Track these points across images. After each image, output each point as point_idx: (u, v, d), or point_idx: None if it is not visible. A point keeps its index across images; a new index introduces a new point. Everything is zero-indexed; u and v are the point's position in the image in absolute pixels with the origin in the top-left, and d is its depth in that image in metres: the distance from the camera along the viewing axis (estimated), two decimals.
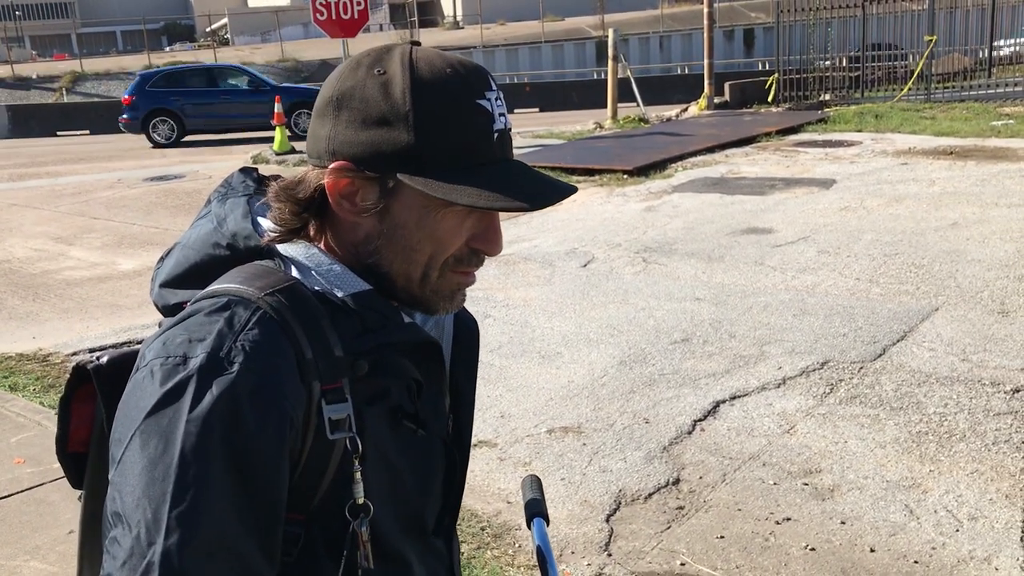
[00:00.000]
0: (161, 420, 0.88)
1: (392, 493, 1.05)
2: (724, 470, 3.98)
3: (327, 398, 0.96)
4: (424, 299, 1.06)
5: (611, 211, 9.70)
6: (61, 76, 36.26)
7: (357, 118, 0.98)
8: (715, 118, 17.14)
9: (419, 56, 0.99)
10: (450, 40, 41.23)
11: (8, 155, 19.55)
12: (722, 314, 6.04)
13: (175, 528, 0.85)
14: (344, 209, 1.01)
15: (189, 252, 1.06)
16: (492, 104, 1.00)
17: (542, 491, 1.43)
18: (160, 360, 0.91)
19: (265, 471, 0.91)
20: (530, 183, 1.01)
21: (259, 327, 0.93)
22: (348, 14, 14.20)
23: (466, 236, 1.03)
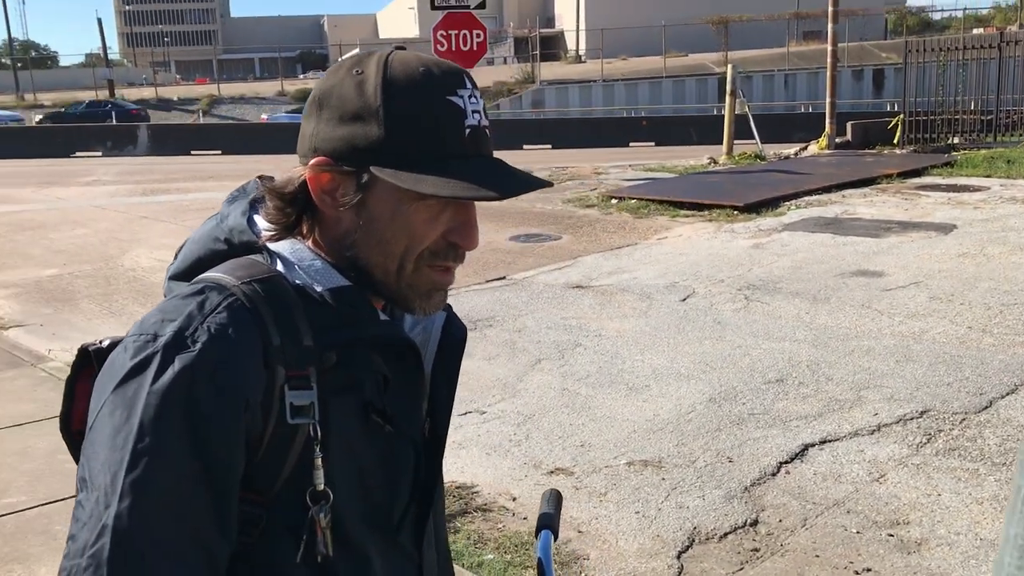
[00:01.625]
0: (127, 391, 0.93)
1: (355, 484, 1.06)
2: (806, 515, 3.85)
3: (291, 384, 0.99)
4: (401, 294, 1.08)
5: (717, 247, 9.55)
6: (200, 99, 38.24)
7: (335, 115, 1.02)
8: (835, 157, 16.70)
9: (395, 57, 1.04)
10: (570, 73, 41.57)
11: (144, 171, 20.67)
12: (821, 356, 5.85)
13: (128, 493, 0.90)
14: (326, 204, 1.05)
15: (194, 247, 1.11)
16: (465, 101, 1.03)
17: (559, 506, 1.43)
18: (134, 337, 0.97)
19: (218, 446, 0.94)
20: (498, 176, 1.04)
21: (227, 311, 0.97)
22: (467, 45, 14.49)
23: (442, 229, 1.05)
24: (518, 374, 5.73)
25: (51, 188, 17.62)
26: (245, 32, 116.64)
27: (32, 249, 10.89)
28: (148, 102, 38.61)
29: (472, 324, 6.86)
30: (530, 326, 6.76)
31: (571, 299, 7.52)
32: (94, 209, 14.28)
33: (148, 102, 38.61)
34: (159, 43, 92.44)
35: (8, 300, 8.22)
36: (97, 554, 0.89)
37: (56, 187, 17.81)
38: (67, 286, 8.76)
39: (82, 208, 14.45)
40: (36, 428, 4.85)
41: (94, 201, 15.31)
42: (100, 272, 9.34)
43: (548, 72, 41.19)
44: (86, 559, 0.90)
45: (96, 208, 14.40)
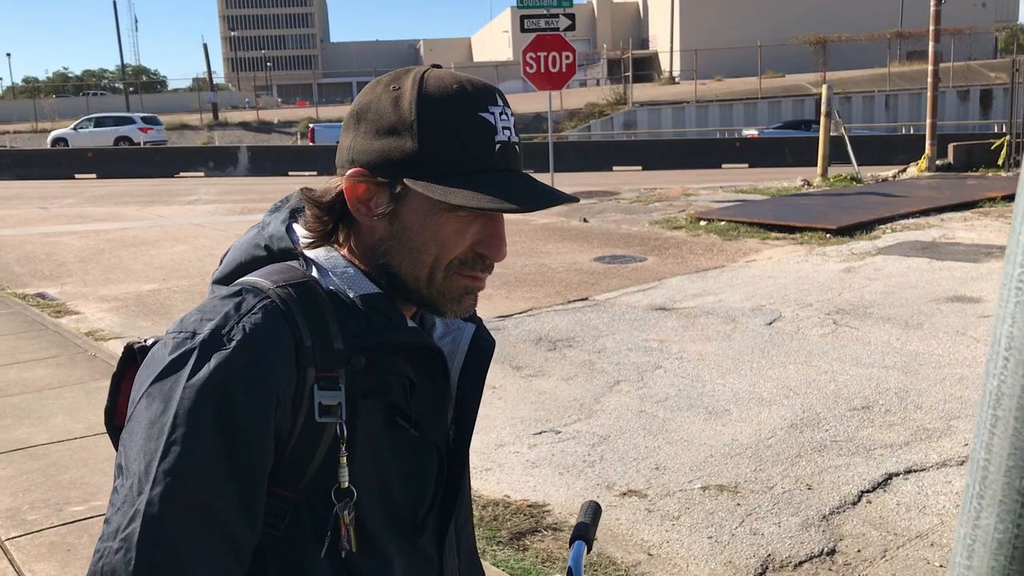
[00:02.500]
0: (164, 385, 0.99)
1: (379, 485, 1.10)
2: (886, 546, 3.71)
3: (320, 384, 1.04)
4: (432, 300, 1.12)
5: (807, 270, 9.34)
6: (299, 122, 39.36)
7: (372, 128, 1.07)
8: (935, 180, 16.19)
9: (430, 75, 1.08)
10: (663, 95, 41.36)
11: (243, 191, 21.39)
12: (911, 384, 5.66)
13: (160, 480, 0.95)
14: (361, 213, 1.09)
15: (237, 253, 1.17)
16: (495, 117, 1.07)
17: (596, 518, 1.43)
18: (174, 334, 1.03)
19: (248, 439, 0.98)
20: (525, 189, 1.06)
21: (262, 312, 1.02)
22: (556, 67, 14.58)
23: (470, 241, 1.09)
24: (595, 395, 5.70)
25: (154, 207, 18.38)
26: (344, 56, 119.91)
27: (134, 264, 11.36)
28: (249, 125, 39.99)
29: (551, 344, 6.86)
30: (610, 347, 6.72)
31: (653, 321, 7.45)
32: (193, 227, 14.83)
33: (249, 125, 39.99)
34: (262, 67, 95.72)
35: (109, 313, 8.60)
36: (128, 537, 0.94)
37: (159, 205, 18.57)
38: (165, 300, 9.10)
39: (182, 226, 15.03)
40: None
41: (194, 219, 15.90)
42: (196, 287, 9.68)
43: (641, 93, 41.07)
44: (118, 541, 0.95)
45: (195, 226, 14.95)
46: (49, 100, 51.99)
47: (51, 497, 4.30)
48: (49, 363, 6.62)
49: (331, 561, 1.06)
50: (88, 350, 7.00)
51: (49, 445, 4.99)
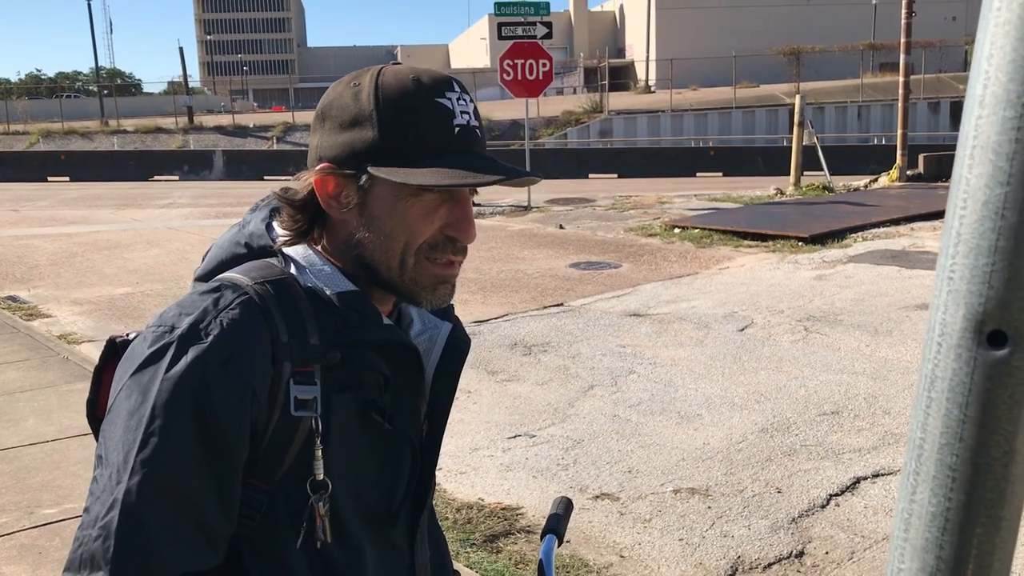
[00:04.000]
0: (143, 377, 1.01)
1: (353, 478, 1.13)
2: (854, 548, 3.78)
3: (296, 379, 1.06)
4: (406, 288, 1.14)
5: (779, 277, 9.44)
6: (275, 126, 39.19)
7: (335, 124, 1.11)
8: (905, 190, 16.40)
9: (387, 69, 1.12)
10: (639, 103, 41.59)
11: (219, 195, 21.29)
12: (879, 389, 5.75)
13: (138, 470, 0.98)
14: (332, 207, 1.12)
15: (218, 251, 1.20)
16: (453, 103, 1.10)
17: (568, 512, 1.46)
18: (153, 328, 1.05)
19: (224, 431, 1.01)
20: (488, 168, 1.09)
21: (240, 308, 1.05)
22: (533, 75, 14.66)
23: (439, 224, 1.12)
24: (569, 399, 5.74)
25: (128, 210, 18.25)
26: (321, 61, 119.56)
27: (107, 268, 11.29)
28: (225, 129, 39.77)
29: (527, 349, 6.90)
30: (584, 352, 6.77)
31: (627, 327, 7.51)
32: (168, 230, 14.74)
33: (225, 129, 39.77)
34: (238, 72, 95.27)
35: (82, 316, 8.54)
36: (107, 525, 0.97)
37: (133, 209, 18.45)
38: (138, 304, 9.05)
39: (156, 229, 14.94)
40: None
41: (168, 223, 15.81)
42: (170, 291, 9.63)
43: (617, 102, 41.27)
44: (96, 529, 0.97)
45: (170, 229, 14.87)
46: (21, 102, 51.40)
47: (22, 500, 4.27)
48: (20, 366, 6.57)
49: (306, 551, 1.08)
50: (61, 353, 6.95)
51: (20, 448, 4.96)
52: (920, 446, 0.58)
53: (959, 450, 0.56)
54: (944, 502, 0.57)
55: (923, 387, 0.58)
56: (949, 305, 0.56)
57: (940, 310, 0.57)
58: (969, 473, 0.56)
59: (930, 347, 0.58)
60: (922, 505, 0.58)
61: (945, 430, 0.57)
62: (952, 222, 0.56)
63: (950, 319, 0.56)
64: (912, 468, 0.59)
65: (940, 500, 0.57)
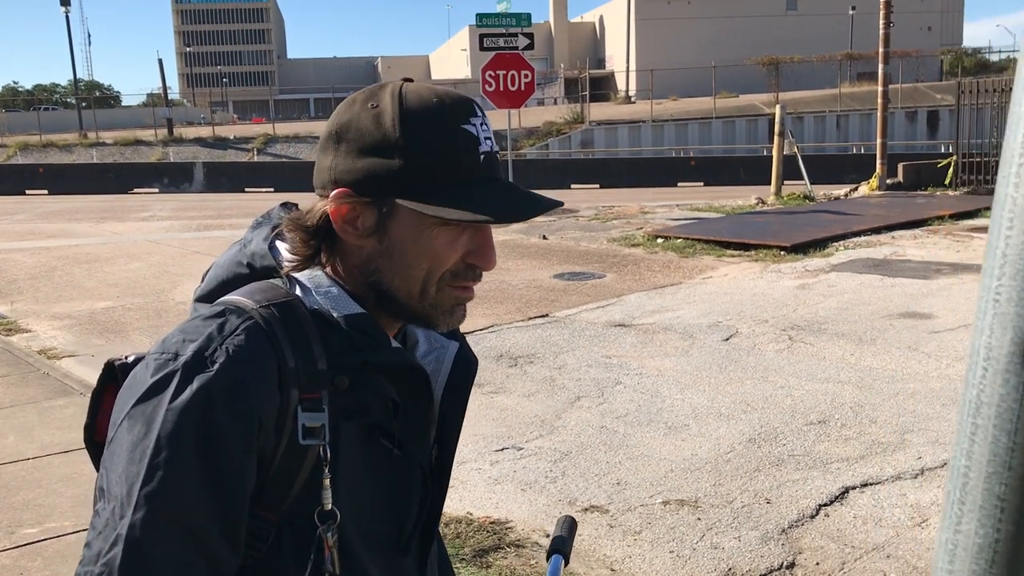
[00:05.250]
0: (146, 408, 0.97)
1: (362, 506, 1.09)
2: (844, 559, 3.77)
3: (304, 406, 1.03)
4: (425, 314, 1.12)
5: (763, 287, 9.47)
6: (255, 138, 39.04)
7: (354, 148, 1.06)
8: (885, 199, 16.51)
9: (408, 89, 1.08)
10: (620, 114, 41.73)
11: (199, 207, 21.16)
12: (865, 398, 5.76)
13: (142, 505, 0.94)
14: (348, 233, 1.09)
15: (219, 270, 1.16)
16: (477, 129, 1.07)
17: (573, 532, 1.44)
18: (156, 355, 1.01)
19: (231, 462, 0.98)
20: (515, 199, 1.08)
21: (245, 334, 1.01)
22: (515, 86, 14.67)
23: (461, 252, 1.09)
24: (556, 411, 5.72)
25: (108, 223, 18.11)
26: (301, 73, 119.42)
27: (87, 282, 11.18)
28: (205, 140, 39.58)
29: (512, 361, 6.87)
30: (570, 364, 6.75)
31: (613, 337, 7.50)
32: (148, 243, 14.63)
33: (205, 140, 39.58)
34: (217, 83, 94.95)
35: (62, 331, 8.44)
36: (110, 562, 0.93)
37: (112, 222, 18.31)
38: (119, 318, 8.96)
39: (137, 242, 14.82)
40: (83, 455, 4.93)
41: (148, 236, 15.69)
42: (151, 305, 9.54)
43: (598, 112, 41.40)
44: (99, 566, 0.94)
45: (150, 242, 14.75)
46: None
47: (2, 519, 4.20)
48: (0, 382, 6.48)
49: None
50: (41, 368, 6.86)
51: (0, 466, 4.88)
52: (965, 474, 0.56)
53: (1008, 479, 0.54)
54: (992, 533, 0.55)
55: (967, 413, 0.56)
56: (995, 328, 0.54)
57: (985, 333, 0.55)
58: (1019, 503, 0.54)
59: (974, 371, 0.56)
60: (968, 536, 0.55)
61: (992, 458, 0.55)
62: (997, 242, 0.54)
63: (996, 343, 0.54)
64: (956, 497, 0.57)
65: (988, 531, 0.55)
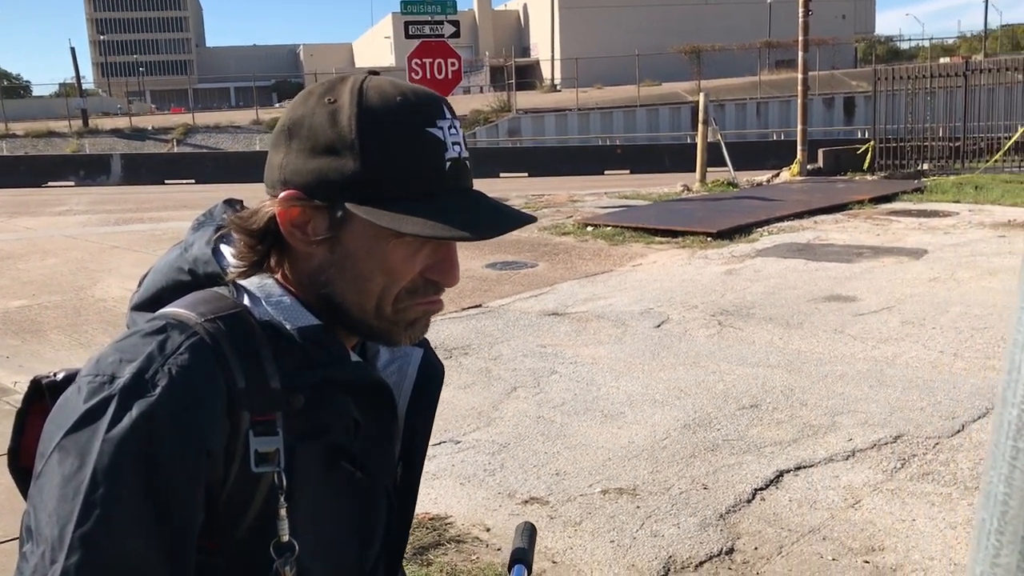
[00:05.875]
0: (79, 438, 0.88)
1: (323, 535, 1.01)
2: (781, 542, 3.82)
3: (256, 430, 0.94)
4: (382, 330, 1.03)
5: (691, 273, 9.58)
6: (174, 128, 38.10)
7: (306, 146, 0.97)
8: (806, 184, 16.87)
9: (370, 85, 0.98)
10: (546, 102, 41.85)
11: (118, 200, 20.53)
12: (795, 381, 5.86)
13: (77, 548, 0.84)
14: (296, 239, 0.99)
15: (158, 276, 1.06)
16: (444, 132, 0.98)
17: (533, 540, 1.40)
18: (89, 377, 0.91)
19: (176, 497, 0.89)
20: (483, 212, 0.99)
21: (189, 352, 0.92)
22: (442, 74, 14.53)
23: (420, 267, 1.01)
24: (493, 402, 5.69)
25: (20, 218, 17.45)
26: (221, 61, 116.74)
27: (0, 279, 10.75)
28: (122, 132, 38.45)
29: (447, 352, 6.82)
30: (505, 354, 6.73)
31: (547, 326, 7.50)
32: (64, 239, 14.13)
33: (122, 132, 38.45)
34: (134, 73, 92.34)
35: None
36: None
37: (25, 217, 17.65)
38: (36, 317, 8.64)
39: (52, 238, 14.31)
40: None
41: (65, 231, 15.17)
42: (70, 303, 9.22)
43: (524, 101, 41.43)
44: None
45: (67, 238, 14.26)
46: None
47: None
48: None
49: None
50: None
51: None
52: (1004, 502, 0.52)
53: None
54: None
55: (1006, 435, 0.53)
56: None
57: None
58: None
59: (1014, 390, 0.52)
60: (1008, 570, 0.52)
61: None
62: None
63: None
64: (994, 527, 0.53)
65: None
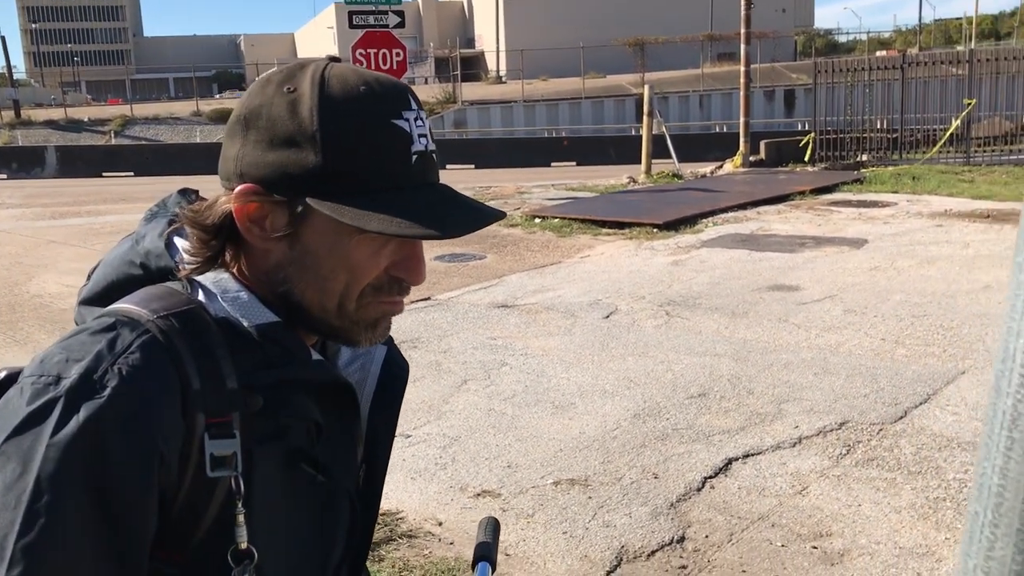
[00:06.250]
0: (22, 442, 0.82)
1: (282, 542, 0.98)
2: (731, 530, 3.87)
3: (211, 432, 0.90)
4: (343, 330, 1.00)
5: (638, 264, 9.65)
6: (112, 120, 37.25)
7: (264, 138, 0.92)
8: (749, 175, 17.09)
9: (332, 73, 0.94)
10: (491, 94, 41.79)
11: (54, 194, 20.01)
12: (742, 370, 5.93)
13: (19, 560, 0.79)
14: (253, 235, 0.95)
15: (108, 270, 1.01)
16: (411, 124, 0.94)
17: (496, 535, 1.38)
18: (33, 378, 0.86)
19: (127, 505, 0.84)
20: (450, 209, 0.95)
21: (141, 351, 0.87)
22: (387, 65, 14.40)
23: (384, 264, 0.97)
24: (443, 396, 5.67)
25: None
26: (159, 52, 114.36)
27: None
28: (57, 123, 37.48)
29: None
30: (455, 347, 6.70)
31: (496, 318, 7.49)
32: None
33: (57, 123, 37.48)
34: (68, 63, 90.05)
35: None
36: None
37: None
38: None
39: None
40: None
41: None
42: (3, 299, 8.96)
43: (470, 92, 41.30)
44: None
45: (0, 232, 13.86)
46: None
47: None
48: None
49: None
50: None
51: None
52: (999, 494, 0.51)
53: None
54: None
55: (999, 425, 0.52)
56: None
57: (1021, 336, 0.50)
58: None
59: (1008, 379, 0.51)
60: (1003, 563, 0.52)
61: None
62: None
63: None
64: (988, 519, 0.53)
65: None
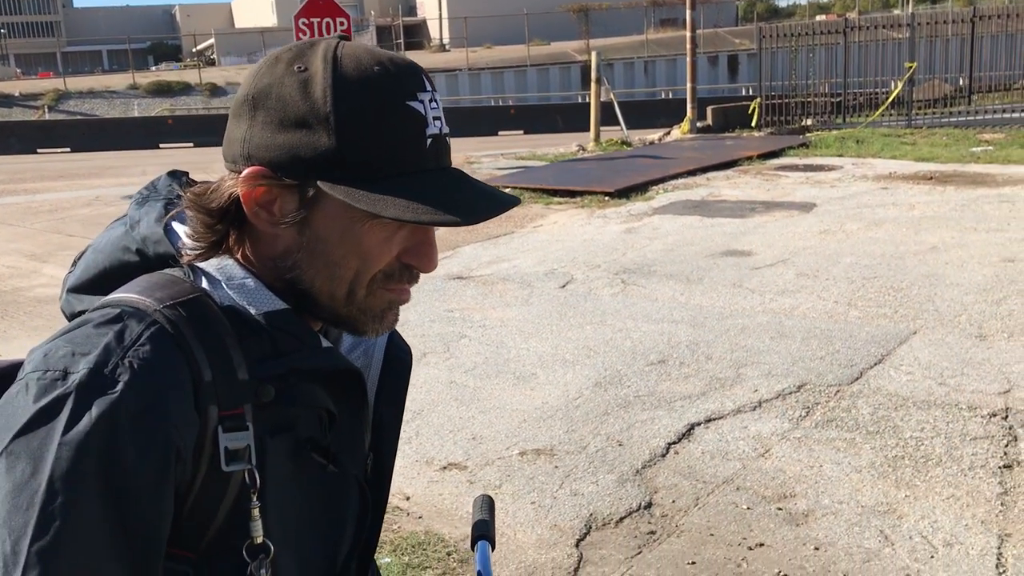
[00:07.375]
0: (32, 441, 0.79)
1: (295, 533, 0.96)
2: (697, 494, 3.91)
3: (225, 425, 0.87)
4: (351, 319, 0.97)
5: (591, 232, 9.66)
6: (44, 94, 36.16)
7: (274, 119, 0.89)
8: (697, 142, 17.19)
9: (345, 52, 0.90)
10: (436, 62, 41.35)
11: None
12: (699, 336, 5.99)
13: (35, 564, 0.76)
14: (261, 219, 0.92)
15: (99, 256, 0.97)
16: (426, 106, 0.91)
17: (493, 512, 1.36)
18: (38, 373, 0.82)
19: (143, 503, 0.82)
20: (465, 194, 0.92)
21: (151, 343, 0.84)
22: (331, 34, 14.15)
23: (396, 251, 0.94)
24: None
25: None
26: (91, 23, 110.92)
27: None
28: None
29: None
30: (413, 320, 6.65)
31: (453, 290, 7.45)
32: None
33: None
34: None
35: None
36: None
37: None
38: None
39: None
40: None
41: None
42: None
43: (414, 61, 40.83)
44: None
45: None
46: None
47: None
48: None
49: None
50: None
51: None
52: None
53: None
54: None
55: None
56: None
57: None
58: None
59: None
60: None
61: None
62: None
63: None
64: None
65: None
